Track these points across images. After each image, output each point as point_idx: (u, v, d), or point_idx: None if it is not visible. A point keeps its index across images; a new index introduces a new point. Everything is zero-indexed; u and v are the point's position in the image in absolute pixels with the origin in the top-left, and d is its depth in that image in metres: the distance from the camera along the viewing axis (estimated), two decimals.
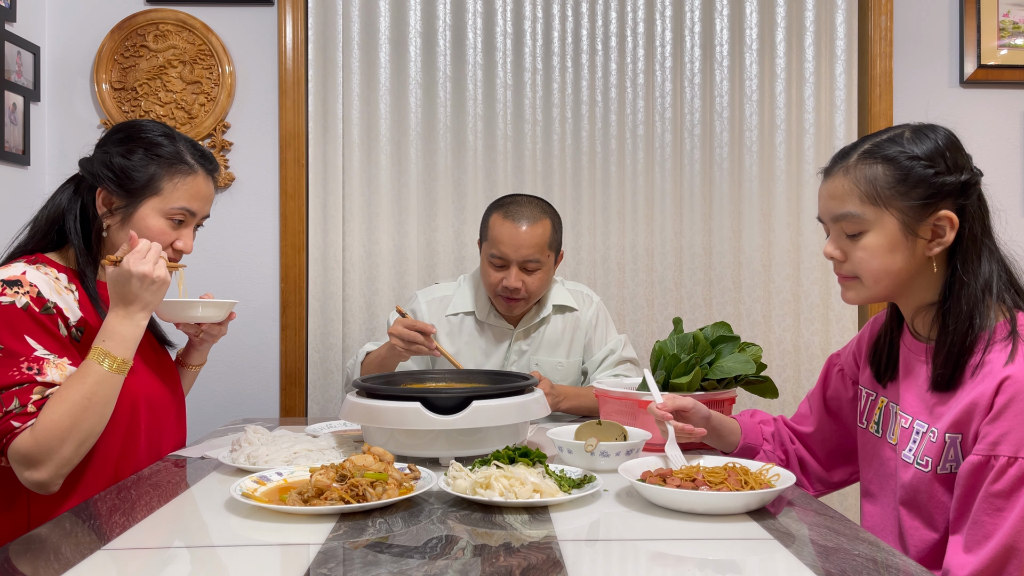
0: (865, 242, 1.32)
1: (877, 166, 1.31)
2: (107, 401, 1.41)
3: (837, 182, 1.35)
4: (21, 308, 1.41)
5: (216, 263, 2.76)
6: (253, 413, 2.74)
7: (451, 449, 1.48)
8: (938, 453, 1.27)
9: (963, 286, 1.29)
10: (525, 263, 2.06)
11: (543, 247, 2.08)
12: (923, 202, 1.28)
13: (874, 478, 1.44)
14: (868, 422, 1.48)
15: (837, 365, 1.60)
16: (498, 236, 2.07)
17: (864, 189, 1.31)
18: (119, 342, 1.43)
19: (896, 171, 1.29)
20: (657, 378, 1.74)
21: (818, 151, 2.78)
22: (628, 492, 1.33)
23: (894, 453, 1.38)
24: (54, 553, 1.07)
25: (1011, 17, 2.81)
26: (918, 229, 1.29)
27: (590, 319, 2.24)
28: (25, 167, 2.57)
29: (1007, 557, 1.16)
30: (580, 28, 2.78)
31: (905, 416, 1.36)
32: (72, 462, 1.40)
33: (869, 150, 1.33)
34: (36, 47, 2.62)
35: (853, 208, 1.32)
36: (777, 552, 1.07)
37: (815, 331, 2.78)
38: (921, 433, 1.31)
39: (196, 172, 1.58)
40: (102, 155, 1.55)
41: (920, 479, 1.30)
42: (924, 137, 1.31)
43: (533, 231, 2.06)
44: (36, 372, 1.39)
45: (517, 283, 2.06)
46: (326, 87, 2.74)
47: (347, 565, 1.01)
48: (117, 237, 1.56)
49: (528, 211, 2.10)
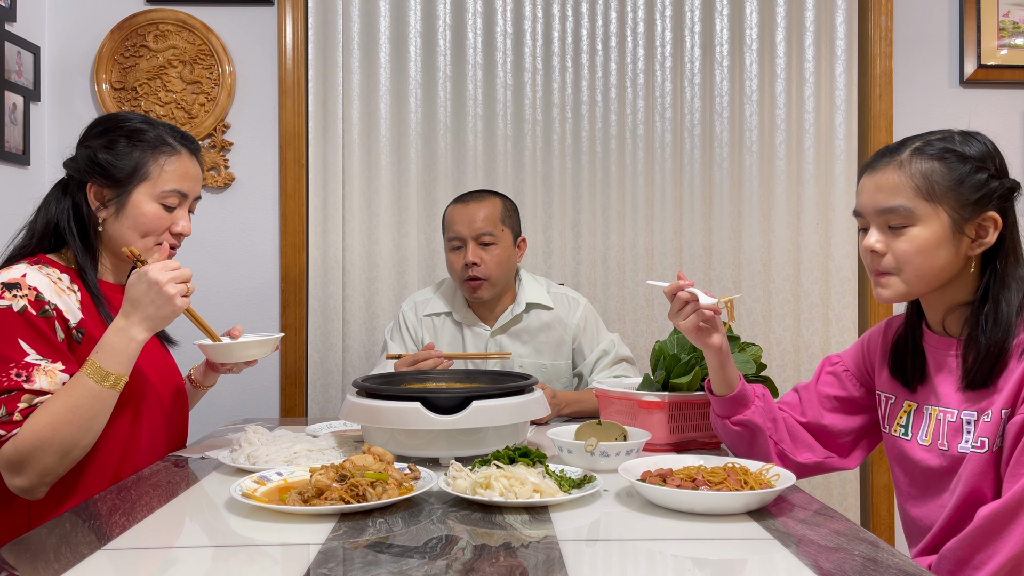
0: (912, 234, 1.33)
1: (933, 162, 1.33)
2: (93, 415, 1.40)
3: (888, 175, 1.35)
4: (17, 312, 1.40)
5: (216, 263, 2.76)
6: (253, 413, 2.75)
7: (451, 449, 1.48)
8: (994, 432, 1.28)
9: (1005, 288, 1.32)
10: (479, 237, 2.14)
11: (494, 220, 2.17)
12: (975, 202, 1.32)
13: (911, 481, 1.44)
14: (892, 426, 1.48)
15: (841, 364, 1.59)
16: (451, 219, 2.19)
17: (919, 183, 1.33)
18: (110, 355, 1.41)
19: (953, 169, 1.32)
20: (657, 378, 1.75)
21: (818, 151, 2.78)
22: (628, 492, 1.33)
23: (928, 453, 1.38)
24: (54, 553, 1.07)
25: (1011, 17, 2.81)
26: (965, 228, 1.32)
27: (578, 323, 2.23)
28: (25, 167, 2.58)
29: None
30: (580, 28, 2.78)
31: (949, 411, 1.36)
32: (56, 471, 1.40)
33: (921, 147, 1.35)
34: (36, 47, 2.62)
35: (905, 201, 1.33)
36: (777, 552, 1.07)
37: (815, 331, 2.78)
38: (972, 421, 1.32)
39: (180, 152, 1.59)
40: (85, 151, 1.56)
41: (977, 463, 1.30)
42: (974, 140, 1.36)
43: (482, 206, 2.17)
44: (24, 379, 1.38)
45: (475, 258, 2.13)
46: (326, 87, 2.74)
47: (347, 565, 1.01)
48: (114, 230, 1.56)
49: (477, 195, 2.23)
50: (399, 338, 2.25)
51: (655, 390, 1.72)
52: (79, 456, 1.42)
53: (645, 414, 1.67)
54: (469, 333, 2.22)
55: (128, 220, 1.55)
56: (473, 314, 2.23)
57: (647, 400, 1.67)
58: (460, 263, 2.14)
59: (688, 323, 1.51)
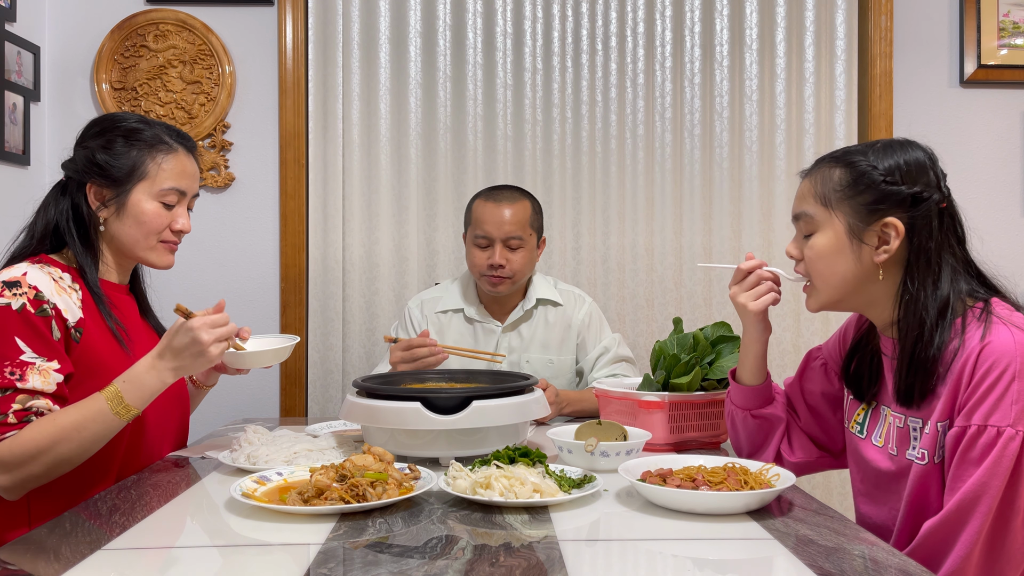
0: (813, 241, 1.37)
1: (836, 170, 1.35)
2: (97, 439, 1.41)
3: (804, 182, 1.40)
4: (16, 310, 1.41)
5: (216, 263, 2.76)
6: (253, 413, 2.74)
7: (451, 449, 1.48)
8: (932, 444, 1.28)
9: (913, 300, 1.30)
10: (508, 240, 2.15)
11: (524, 224, 2.17)
12: (870, 207, 1.31)
13: (863, 478, 1.45)
14: (850, 421, 1.48)
15: (820, 359, 1.59)
16: (481, 216, 2.17)
17: (819, 190, 1.36)
18: (136, 388, 1.42)
19: (850, 175, 1.33)
20: (657, 378, 1.75)
21: (818, 151, 2.78)
22: (628, 492, 1.33)
23: (880, 455, 1.39)
24: (54, 553, 1.07)
25: (1011, 17, 2.81)
26: (863, 234, 1.32)
27: (583, 319, 2.26)
28: (25, 167, 2.58)
29: (967, 509, 1.19)
30: (580, 28, 2.78)
31: (898, 415, 1.36)
32: (40, 481, 1.41)
33: (838, 155, 1.37)
34: (36, 47, 2.62)
35: (808, 208, 1.37)
36: (777, 552, 1.07)
37: (815, 331, 2.78)
38: (918, 429, 1.32)
39: (176, 150, 1.60)
40: (83, 152, 1.57)
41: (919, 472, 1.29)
42: (891, 151, 1.33)
43: (514, 209, 2.17)
44: (18, 378, 1.39)
45: (502, 260, 2.13)
46: (326, 87, 2.74)
47: (347, 565, 1.01)
48: (115, 229, 1.57)
49: (508, 193, 2.21)
50: (404, 335, 2.26)
51: (655, 390, 1.72)
52: (67, 470, 1.42)
53: (645, 414, 1.67)
54: (480, 329, 2.24)
55: (129, 219, 1.56)
56: (485, 310, 2.25)
57: (647, 400, 1.67)
58: (485, 261, 2.15)
59: (761, 302, 1.51)
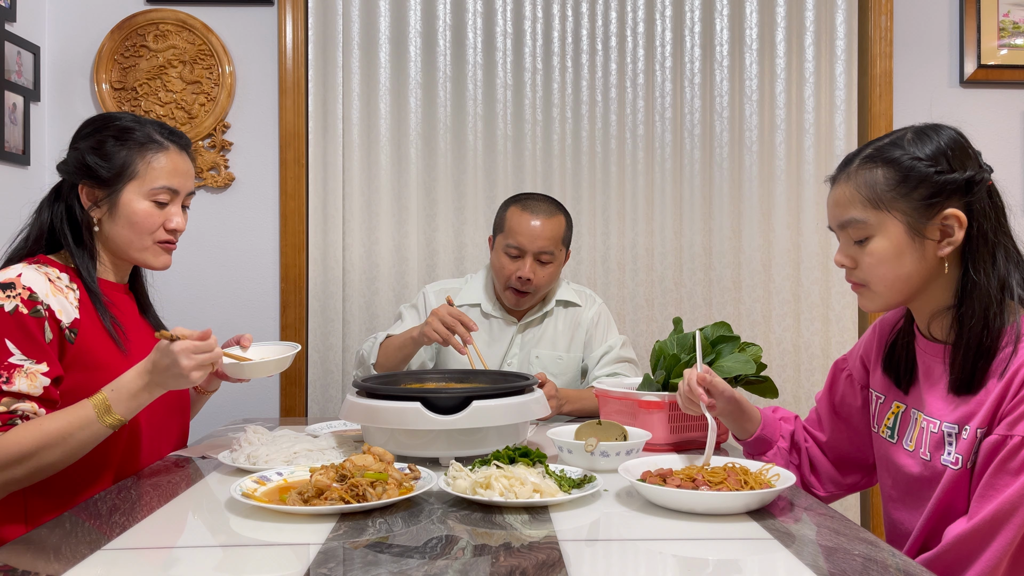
0: (871, 247, 1.31)
1: (877, 170, 1.29)
2: (81, 446, 1.40)
3: (840, 189, 1.34)
4: (8, 312, 1.41)
5: (216, 263, 2.76)
6: (253, 413, 2.74)
7: (451, 449, 1.48)
8: (968, 450, 1.25)
9: (976, 287, 1.27)
10: (540, 254, 2.15)
11: (557, 240, 2.18)
12: (927, 202, 1.27)
13: (894, 484, 1.41)
14: (880, 426, 1.45)
15: (845, 370, 1.56)
16: (516, 227, 2.16)
17: (865, 194, 1.30)
18: (123, 396, 1.41)
19: (896, 172, 1.28)
20: (657, 378, 1.75)
21: (818, 151, 2.78)
22: (628, 492, 1.33)
23: (911, 459, 1.35)
24: (54, 553, 1.07)
25: (1011, 17, 2.81)
26: (924, 230, 1.28)
27: (592, 317, 2.29)
28: (25, 167, 2.57)
29: (1001, 520, 1.18)
30: (580, 28, 2.78)
31: (932, 420, 1.32)
32: (21, 483, 1.40)
33: (870, 154, 1.32)
34: (36, 47, 2.62)
35: (856, 214, 1.31)
36: (777, 552, 1.07)
37: (815, 331, 2.78)
38: (953, 435, 1.28)
39: (168, 148, 1.59)
40: (75, 153, 1.57)
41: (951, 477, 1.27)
42: (926, 137, 1.30)
43: (549, 224, 2.16)
44: (4, 380, 1.39)
45: (531, 274, 2.14)
46: (326, 87, 2.74)
47: (347, 565, 1.01)
48: (109, 229, 1.57)
49: (545, 206, 2.20)
50: (414, 315, 2.28)
51: (655, 390, 1.72)
52: (50, 475, 1.42)
53: (645, 414, 1.67)
54: (496, 325, 2.26)
55: (121, 219, 1.56)
56: (503, 308, 2.27)
57: (647, 400, 1.67)
58: (514, 272, 2.16)
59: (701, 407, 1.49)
